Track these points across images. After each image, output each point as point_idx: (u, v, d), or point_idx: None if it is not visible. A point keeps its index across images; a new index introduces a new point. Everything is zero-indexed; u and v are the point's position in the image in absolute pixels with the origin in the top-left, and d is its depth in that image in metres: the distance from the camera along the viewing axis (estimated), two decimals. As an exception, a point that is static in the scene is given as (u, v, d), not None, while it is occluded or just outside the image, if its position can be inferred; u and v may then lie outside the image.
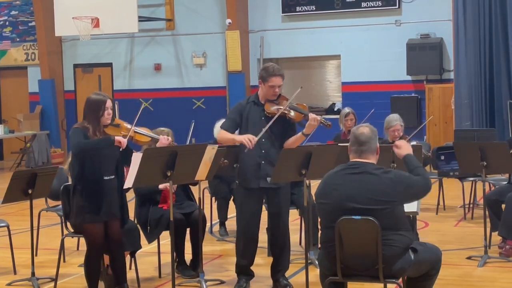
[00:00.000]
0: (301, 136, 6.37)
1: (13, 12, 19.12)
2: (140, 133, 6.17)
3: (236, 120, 6.44)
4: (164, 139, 6.28)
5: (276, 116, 6.25)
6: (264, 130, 6.24)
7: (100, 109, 5.98)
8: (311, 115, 6.23)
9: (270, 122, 6.24)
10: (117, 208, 6.09)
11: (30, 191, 6.63)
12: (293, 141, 6.40)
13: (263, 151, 6.35)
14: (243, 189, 6.46)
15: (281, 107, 6.31)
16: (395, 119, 8.98)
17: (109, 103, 6.01)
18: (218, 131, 8.79)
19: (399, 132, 8.97)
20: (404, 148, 5.25)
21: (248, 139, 6.14)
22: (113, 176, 6.01)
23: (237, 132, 6.54)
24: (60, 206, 7.23)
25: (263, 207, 6.55)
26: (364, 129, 5.08)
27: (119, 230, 6.16)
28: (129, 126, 6.13)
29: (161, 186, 6.98)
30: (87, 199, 5.95)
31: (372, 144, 5.03)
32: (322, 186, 5.05)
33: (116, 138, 5.90)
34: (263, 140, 6.30)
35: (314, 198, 5.28)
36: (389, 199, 4.82)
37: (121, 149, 5.97)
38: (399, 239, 4.86)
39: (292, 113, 6.34)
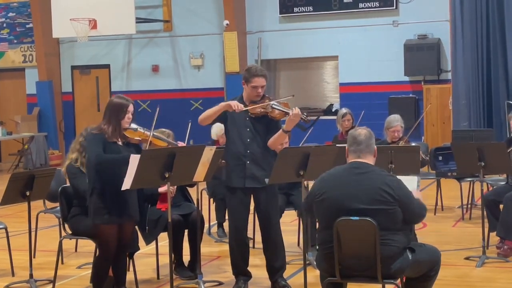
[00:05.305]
0: (282, 133, 6.31)
1: (10, 14, 19.10)
2: (159, 138, 6.17)
3: (222, 114, 6.39)
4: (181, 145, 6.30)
5: (258, 105, 6.28)
6: (250, 107, 6.27)
7: (122, 112, 5.98)
8: (293, 110, 6.20)
9: (255, 105, 6.28)
10: (135, 210, 6.09)
11: (28, 193, 6.63)
12: (274, 139, 6.35)
13: (248, 151, 6.35)
14: (229, 189, 6.46)
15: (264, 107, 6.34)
16: (396, 120, 8.99)
17: (131, 108, 6.04)
18: (216, 132, 8.84)
19: (399, 133, 8.98)
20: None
21: (236, 104, 6.18)
22: None
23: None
24: (58, 208, 7.22)
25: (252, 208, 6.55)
26: (362, 130, 5.18)
27: (131, 232, 6.16)
28: (146, 131, 6.08)
29: (160, 190, 6.98)
30: (106, 200, 5.91)
31: (371, 144, 5.11)
32: (321, 185, 5.04)
33: None
34: (248, 140, 6.33)
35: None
36: (394, 200, 4.85)
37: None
38: (397, 239, 4.87)
39: (275, 111, 6.34)
